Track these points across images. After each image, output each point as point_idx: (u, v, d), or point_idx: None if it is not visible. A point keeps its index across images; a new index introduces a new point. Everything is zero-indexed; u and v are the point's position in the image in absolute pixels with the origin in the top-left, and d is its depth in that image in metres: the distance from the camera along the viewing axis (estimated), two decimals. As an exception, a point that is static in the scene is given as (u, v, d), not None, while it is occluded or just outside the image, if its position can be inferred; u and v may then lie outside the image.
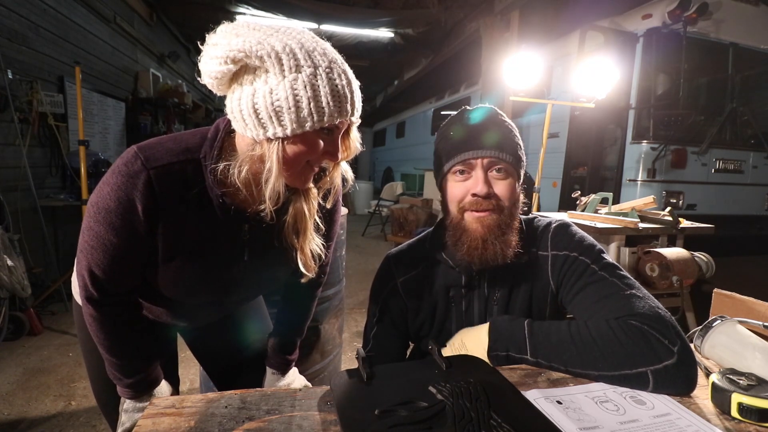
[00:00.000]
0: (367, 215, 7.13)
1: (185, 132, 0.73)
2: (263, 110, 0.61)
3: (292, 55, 0.60)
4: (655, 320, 0.67)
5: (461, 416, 0.53)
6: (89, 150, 3.02)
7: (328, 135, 0.67)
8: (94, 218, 0.67)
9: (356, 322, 2.92)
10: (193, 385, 2.06)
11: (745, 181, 4.08)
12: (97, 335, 0.75)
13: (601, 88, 2.65)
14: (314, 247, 0.81)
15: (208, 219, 0.73)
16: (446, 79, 8.24)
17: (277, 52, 0.59)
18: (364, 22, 5.67)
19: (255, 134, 0.64)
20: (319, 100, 0.61)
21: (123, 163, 0.66)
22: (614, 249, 2.20)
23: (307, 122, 0.62)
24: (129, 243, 0.69)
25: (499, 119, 0.86)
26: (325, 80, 0.61)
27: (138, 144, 0.69)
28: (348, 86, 0.64)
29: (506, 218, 0.82)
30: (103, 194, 0.67)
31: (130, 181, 0.65)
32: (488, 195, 0.80)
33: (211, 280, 0.79)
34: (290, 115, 0.61)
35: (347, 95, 0.64)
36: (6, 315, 2.33)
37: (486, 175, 0.81)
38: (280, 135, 0.62)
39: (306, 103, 0.60)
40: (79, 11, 3.61)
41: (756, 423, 0.56)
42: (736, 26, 3.93)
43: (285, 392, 0.64)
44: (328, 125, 0.64)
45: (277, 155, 0.64)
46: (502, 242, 0.80)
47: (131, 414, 0.79)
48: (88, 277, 0.71)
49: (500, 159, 0.81)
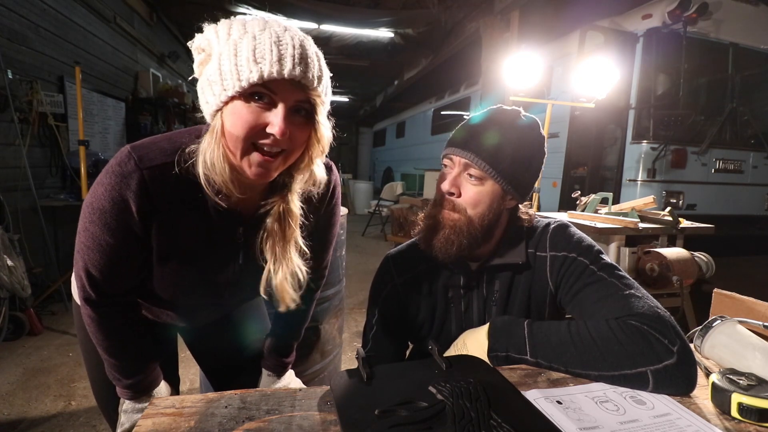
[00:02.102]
0: (367, 215, 7.13)
1: (179, 131, 0.72)
2: (205, 85, 0.62)
3: (228, 27, 0.60)
4: (655, 320, 0.67)
5: (461, 416, 0.53)
6: (89, 150, 3.02)
7: (264, 103, 0.60)
8: (89, 219, 0.66)
9: (356, 322, 2.92)
10: (193, 385, 2.06)
11: (745, 181, 4.08)
12: (96, 336, 0.75)
13: (601, 88, 2.65)
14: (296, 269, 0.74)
15: (202, 220, 0.72)
16: (446, 79, 8.24)
17: (217, 29, 0.61)
18: (364, 22, 5.67)
19: (207, 115, 0.64)
20: (239, 57, 0.57)
21: (116, 163, 0.65)
22: (614, 249, 2.20)
23: (228, 84, 0.58)
24: (124, 243, 0.68)
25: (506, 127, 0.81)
26: (251, 39, 0.57)
27: (131, 143, 0.68)
28: (278, 43, 0.57)
29: (462, 222, 0.81)
30: (97, 194, 0.66)
31: (123, 181, 0.64)
32: (450, 193, 0.82)
33: (206, 281, 0.79)
34: (217, 80, 0.59)
35: (275, 51, 0.57)
36: (6, 315, 2.33)
37: (458, 175, 0.82)
38: (213, 106, 0.61)
39: (227, 64, 0.58)
40: (79, 11, 3.61)
41: (756, 423, 0.56)
42: (736, 26, 3.93)
43: (285, 392, 0.64)
44: (249, 86, 0.57)
45: (217, 129, 0.62)
46: (452, 242, 0.81)
47: (130, 415, 0.79)
48: (86, 278, 0.70)
49: (476, 165, 0.79)
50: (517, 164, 0.80)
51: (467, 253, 0.83)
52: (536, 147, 0.84)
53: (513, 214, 0.89)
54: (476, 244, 0.83)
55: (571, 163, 4.42)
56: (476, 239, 0.82)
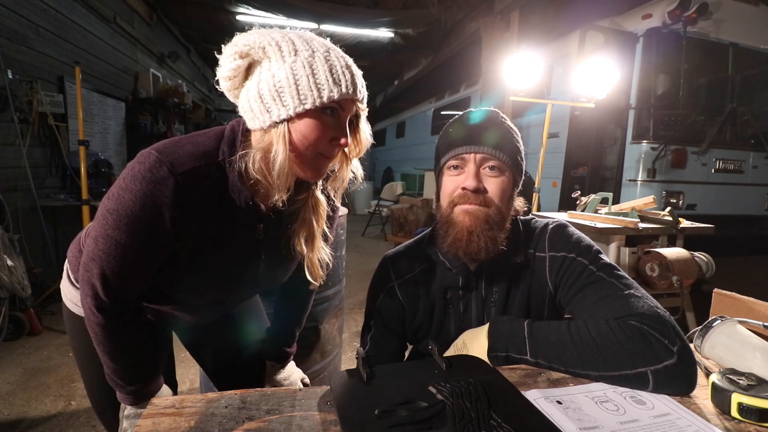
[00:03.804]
0: (367, 215, 7.13)
1: (197, 134, 0.73)
2: (267, 94, 0.64)
3: (290, 42, 0.64)
4: (655, 320, 0.67)
5: (461, 416, 0.53)
6: (89, 150, 3.02)
7: (333, 117, 0.67)
8: (113, 226, 0.65)
9: (356, 322, 2.92)
10: (193, 385, 2.06)
11: (745, 181, 4.08)
12: (104, 344, 0.73)
13: (601, 88, 2.65)
14: (323, 256, 0.83)
15: (227, 221, 0.73)
16: (446, 79, 8.24)
17: (277, 41, 0.64)
18: (364, 22, 5.67)
19: (262, 121, 0.66)
20: (318, 76, 0.63)
21: (146, 169, 0.64)
22: (614, 249, 2.20)
23: (308, 99, 0.63)
24: (150, 249, 0.68)
25: (499, 120, 0.86)
26: (323, 60, 0.64)
27: (155, 148, 0.67)
28: (347, 68, 0.66)
29: (495, 215, 0.81)
30: (124, 201, 0.64)
31: (157, 188, 0.64)
32: (477, 189, 0.81)
33: (228, 279, 0.79)
34: (291, 93, 0.63)
35: (346, 74, 0.65)
36: (6, 315, 2.33)
37: (478, 171, 0.82)
38: (283, 116, 0.65)
39: (305, 80, 0.63)
40: (79, 11, 3.61)
41: (756, 423, 0.56)
42: (736, 26, 3.93)
43: (285, 392, 0.64)
44: (328, 102, 0.64)
45: (284, 138, 0.66)
46: (488, 237, 0.80)
47: (134, 420, 0.78)
48: (101, 286, 0.68)
49: (493, 156, 0.81)
50: (515, 151, 0.85)
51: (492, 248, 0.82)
52: (516, 133, 0.88)
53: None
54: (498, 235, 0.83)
55: (571, 163, 4.42)
56: (503, 233, 0.83)
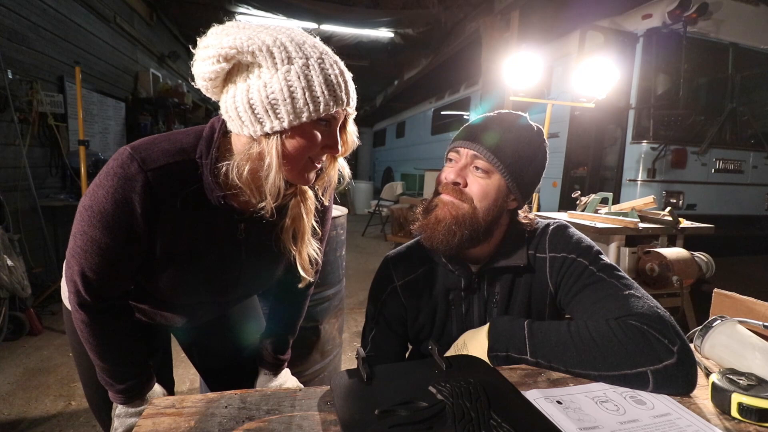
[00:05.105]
0: (367, 215, 7.12)
1: (178, 131, 0.72)
2: (259, 105, 0.61)
3: (283, 48, 0.60)
4: (655, 320, 0.67)
5: (461, 416, 0.53)
6: (89, 150, 3.02)
7: (326, 127, 0.67)
8: (88, 222, 0.65)
9: (356, 322, 2.92)
10: (193, 385, 2.06)
11: (745, 181, 4.08)
12: (89, 341, 0.73)
13: (601, 88, 2.65)
14: (311, 251, 0.81)
15: (204, 219, 0.72)
16: (446, 79, 8.24)
17: (268, 46, 0.59)
18: (364, 23, 5.67)
19: (252, 131, 0.63)
20: (313, 90, 0.61)
21: (118, 165, 0.64)
22: (614, 249, 2.20)
23: (303, 113, 0.61)
24: (125, 245, 0.68)
25: (513, 127, 0.83)
26: (318, 70, 0.61)
27: (131, 145, 0.67)
28: (341, 76, 0.64)
29: (468, 213, 0.80)
30: (97, 197, 0.64)
31: (127, 184, 0.64)
32: (456, 183, 0.81)
33: (209, 280, 0.79)
34: (286, 107, 0.60)
35: (341, 84, 0.64)
36: (6, 315, 2.33)
37: (465, 167, 0.82)
38: (277, 129, 0.62)
39: (301, 93, 0.60)
40: (79, 11, 3.61)
41: (756, 423, 0.56)
42: (736, 26, 3.93)
43: (285, 392, 0.64)
44: (324, 115, 0.63)
45: (277, 150, 0.63)
46: (452, 232, 0.80)
47: (124, 419, 0.78)
48: (81, 283, 0.69)
49: (484, 157, 0.80)
50: (520, 161, 0.82)
51: (467, 248, 0.83)
52: (537, 146, 0.85)
53: (513, 217, 0.89)
54: (476, 240, 0.82)
55: (571, 163, 4.42)
56: (477, 235, 0.81)
